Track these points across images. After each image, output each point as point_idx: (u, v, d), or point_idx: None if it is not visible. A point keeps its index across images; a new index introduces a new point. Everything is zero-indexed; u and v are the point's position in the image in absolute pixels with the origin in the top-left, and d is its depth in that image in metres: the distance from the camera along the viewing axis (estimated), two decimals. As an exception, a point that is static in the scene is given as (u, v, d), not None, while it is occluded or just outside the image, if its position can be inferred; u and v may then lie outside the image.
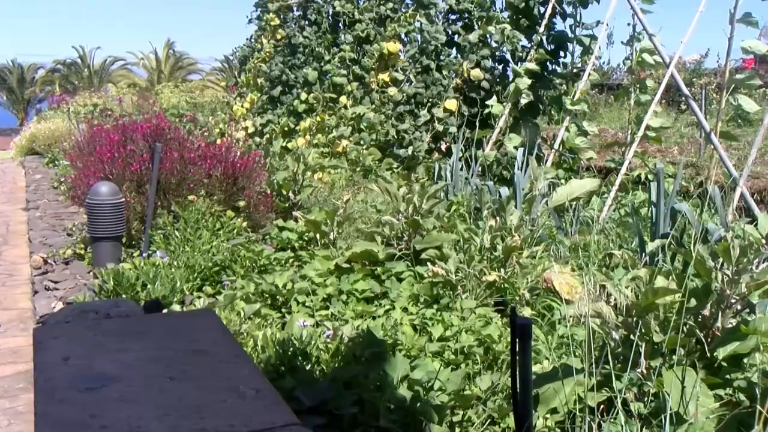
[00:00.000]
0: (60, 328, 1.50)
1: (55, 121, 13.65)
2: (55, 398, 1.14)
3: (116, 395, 1.17)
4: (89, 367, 1.26)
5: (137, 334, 1.43)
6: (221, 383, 1.24)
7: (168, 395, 1.18)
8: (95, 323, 1.51)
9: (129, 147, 5.38)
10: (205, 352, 1.35)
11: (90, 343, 1.37)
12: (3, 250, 7.90)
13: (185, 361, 1.31)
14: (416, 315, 3.80)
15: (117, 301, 1.81)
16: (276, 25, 11.66)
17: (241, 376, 1.27)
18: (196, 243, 4.58)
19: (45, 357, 1.29)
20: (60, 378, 1.21)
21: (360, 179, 8.14)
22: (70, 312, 1.71)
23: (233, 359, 1.34)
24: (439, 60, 8.94)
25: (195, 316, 1.84)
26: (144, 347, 1.36)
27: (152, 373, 1.26)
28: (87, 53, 37.45)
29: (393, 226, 4.75)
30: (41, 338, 1.38)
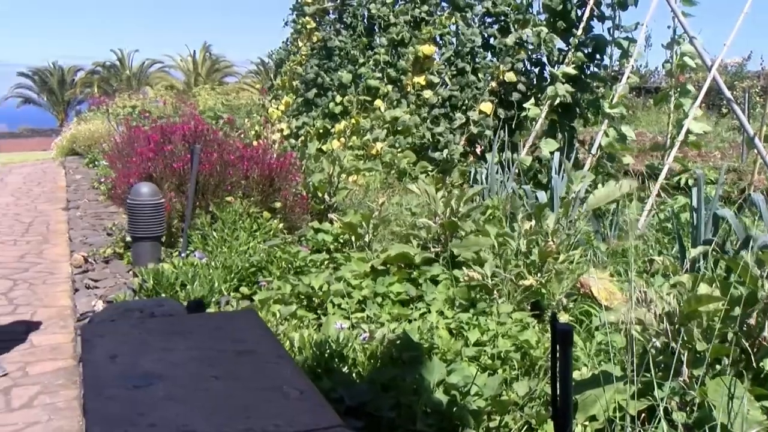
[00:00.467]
0: (106, 327, 1.53)
1: (95, 123, 13.92)
2: (104, 395, 1.16)
3: (163, 394, 1.18)
4: (136, 366, 1.28)
5: (182, 333, 1.45)
6: (265, 383, 1.25)
7: (214, 394, 1.19)
8: (140, 322, 1.54)
9: (169, 147, 5.45)
10: (249, 352, 1.36)
11: (136, 342, 1.39)
12: (44, 249, 8.08)
13: (229, 361, 1.32)
14: (452, 319, 3.79)
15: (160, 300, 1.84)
16: (312, 28, 11.74)
17: (284, 377, 1.27)
18: (233, 244, 4.62)
19: (93, 355, 1.31)
20: (108, 376, 1.23)
21: (394, 182, 8.15)
22: (115, 310, 1.74)
23: (276, 360, 1.34)
24: (475, 63, 8.91)
25: (237, 316, 1.86)
26: (188, 346, 1.37)
27: (197, 372, 1.27)
28: (126, 56, 38.20)
29: (429, 229, 4.74)
30: (88, 336, 1.41)
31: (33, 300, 6.16)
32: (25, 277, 6.84)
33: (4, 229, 8.75)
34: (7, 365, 4.65)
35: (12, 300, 6.16)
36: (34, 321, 5.62)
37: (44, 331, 5.43)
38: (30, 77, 38.34)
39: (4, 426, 3.90)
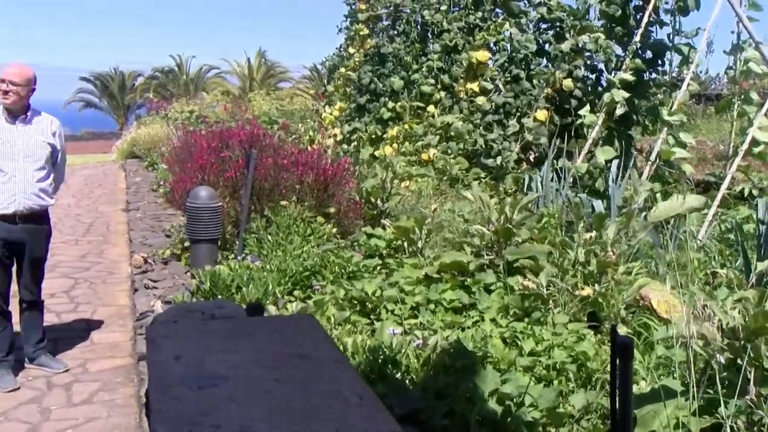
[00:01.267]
0: (170, 327, 1.56)
1: (154, 127, 14.27)
2: (169, 395, 1.18)
3: (226, 395, 1.20)
4: (199, 366, 1.30)
5: (243, 335, 1.47)
6: (325, 388, 1.25)
7: (275, 398, 1.20)
8: (202, 323, 1.56)
9: (225, 153, 5.55)
10: (308, 356, 1.37)
11: (199, 343, 1.42)
12: (104, 249, 8.32)
13: (289, 365, 1.33)
14: (506, 328, 3.74)
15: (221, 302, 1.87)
16: (365, 35, 11.81)
17: (343, 382, 1.27)
18: (288, 248, 4.67)
19: (158, 355, 1.34)
20: (172, 376, 1.25)
21: (446, 188, 8.11)
22: (178, 311, 1.77)
23: (335, 364, 1.34)
24: (530, 69, 8.83)
25: (295, 320, 1.87)
26: (249, 349, 1.39)
27: (259, 374, 1.28)
28: (183, 61, 39.08)
29: (483, 236, 4.70)
30: (153, 336, 1.44)
31: (93, 299, 6.34)
32: (86, 276, 7.06)
33: (66, 230, 9.03)
34: (68, 362, 4.80)
35: (73, 298, 6.35)
36: (94, 319, 5.79)
37: (104, 329, 5.58)
38: (92, 82, 39.60)
39: (66, 420, 4.02)
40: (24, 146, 4.36)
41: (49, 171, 4.52)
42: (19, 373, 4.58)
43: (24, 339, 4.71)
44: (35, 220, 4.48)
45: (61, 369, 4.69)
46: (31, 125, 4.43)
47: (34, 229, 4.48)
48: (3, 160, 4.30)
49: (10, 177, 4.31)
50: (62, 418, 4.05)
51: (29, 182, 4.37)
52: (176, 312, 1.76)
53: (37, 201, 4.42)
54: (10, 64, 4.39)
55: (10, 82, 4.29)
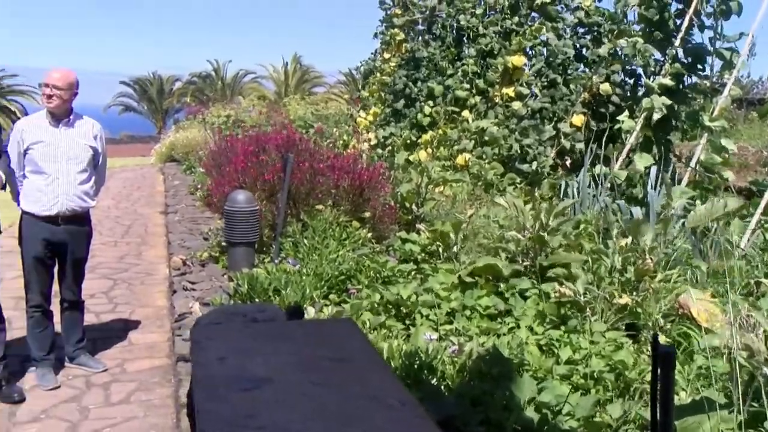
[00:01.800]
0: (214, 330, 1.58)
1: (192, 131, 14.45)
2: (215, 396, 1.20)
3: (270, 397, 1.21)
4: (243, 368, 1.31)
5: (284, 338, 1.48)
6: (366, 392, 1.25)
7: (317, 400, 1.21)
8: (245, 326, 1.58)
9: (261, 157, 5.61)
10: (349, 360, 1.38)
11: (242, 345, 1.43)
12: (142, 251, 8.45)
13: (331, 368, 1.34)
14: (542, 335, 3.71)
15: (262, 305, 1.89)
16: (400, 40, 11.83)
17: (384, 387, 1.27)
18: (324, 252, 4.70)
19: (203, 356, 1.36)
20: (218, 377, 1.27)
21: (481, 193, 8.07)
22: (221, 314, 1.80)
23: (375, 369, 1.35)
24: (566, 74, 8.74)
25: (335, 324, 1.89)
26: (291, 352, 1.40)
27: (301, 378, 1.29)
28: (220, 66, 39.61)
29: (518, 242, 4.66)
30: (198, 338, 1.46)
31: (132, 299, 6.44)
32: (125, 277, 7.17)
33: (106, 231, 9.19)
34: (107, 361, 4.88)
35: (112, 299, 6.46)
36: (132, 320, 5.88)
37: (141, 329, 5.66)
38: (131, 86, 40.35)
39: (104, 419, 4.09)
40: (67, 149, 4.45)
41: (91, 173, 4.60)
42: (60, 371, 4.67)
43: (64, 338, 4.81)
44: (77, 222, 4.57)
45: (100, 368, 4.77)
46: (74, 128, 4.52)
47: (76, 231, 4.57)
48: (46, 163, 4.39)
49: (53, 179, 4.41)
50: (100, 417, 4.12)
51: (72, 184, 4.46)
52: (219, 314, 1.78)
53: (79, 203, 4.51)
54: (54, 69, 4.49)
55: (53, 87, 4.38)
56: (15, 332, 4.82)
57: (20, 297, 5.39)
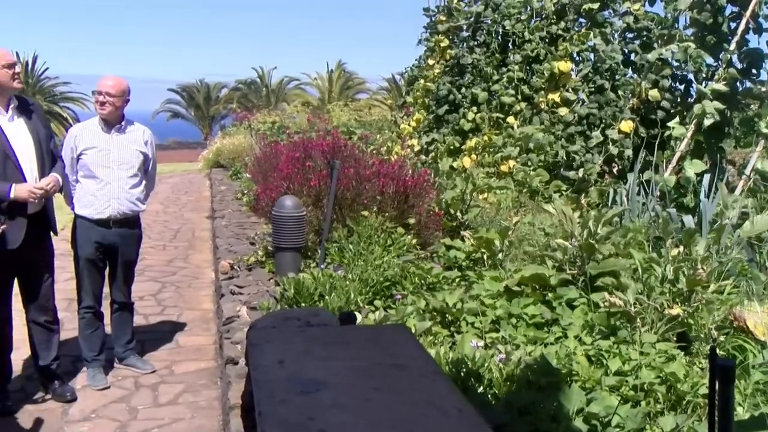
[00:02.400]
0: (270, 333, 1.59)
1: (238, 137, 14.64)
2: (276, 399, 1.20)
3: (329, 401, 1.21)
4: (301, 372, 1.32)
5: (340, 343, 1.49)
6: (423, 398, 1.25)
7: (375, 405, 1.21)
8: (300, 330, 1.59)
9: (308, 163, 5.65)
10: (404, 366, 1.37)
11: (299, 349, 1.44)
12: (189, 254, 8.60)
13: (387, 374, 1.34)
14: (591, 345, 3.65)
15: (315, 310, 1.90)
16: (445, 46, 11.80)
17: (440, 393, 1.27)
18: (369, 257, 4.70)
19: (262, 359, 1.37)
20: (277, 380, 1.27)
21: (526, 201, 7.99)
22: (275, 318, 1.81)
23: (431, 375, 1.34)
24: (614, 80, 8.60)
25: (389, 330, 1.88)
26: (347, 356, 1.40)
27: (358, 382, 1.29)
28: (265, 73, 40.14)
29: (566, 251, 4.60)
30: (256, 341, 1.47)
31: (179, 302, 6.55)
32: (173, 281, 7.31)
33: (155, 235, 9.38)
34: (155, 363, 4.97)
35: (161, 301, 6.59)
36: (180, 322, 5.98)
37: (188, 332, 5.76)
38: (179, 93, 41.17)
39: (153, 420, 4.16)
40: (118, 155, 4.56)
41: (142, 178, 4.71)
42: (109, 372, 4.78)
43: (114, 339, 4.91)
44: (128, 225, 4.67)
45: (149, 370, 4.86)
46: (125, 134, 4.62)
47: (126, 234, 4.67)
48: (99, 168, 4.51)
49: (105, 184, 4.51)
50: (149, 417, 4.20)
51: (123, 189, 4.56)
52: (274, 318, 1.79)
53: (130, 207, 4.61)
54: (106, 76, 4.60)
55: (106, 94, 4.49)
56: (67, 333, 4.95)
57: (72, 299, 5.53)
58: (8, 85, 3.97)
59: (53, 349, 4.36)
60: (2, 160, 3.91)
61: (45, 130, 4.23)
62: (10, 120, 4.00)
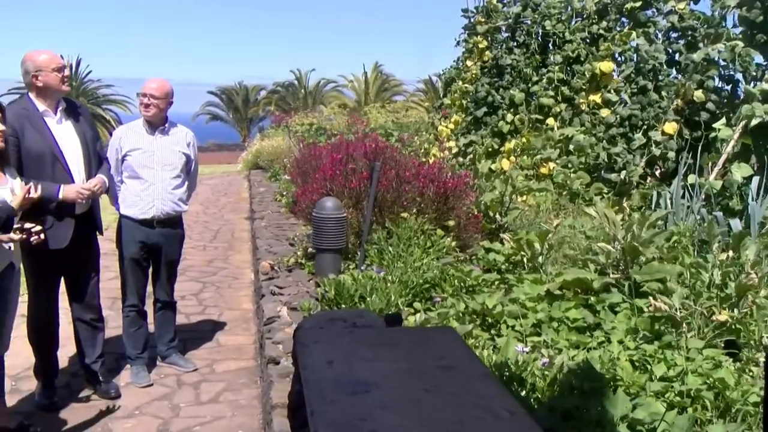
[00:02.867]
0: (318, 334, 1.59)
1: (276, 139, 14.76)
2: (326, 399, 1.21)
3: (379, 402, 1.21)
4: (350, 372, 1.32)
5: (388, 345, 1.48)
6: (474, 401, 1.24)
7: (425, 407, 1.20)
8: (347, 331, 1.59)
9: (350, 165, 5.67)
10: (454, 368, 1.36)
11: (347, 350, 1.44)
12: (229, 255, 8.70)
13: (435, 376, 1.33)
14: (634, 350, 3.58)
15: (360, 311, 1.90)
16: (483, 47, 11.73)
17: (492, 396, 1.25)
18: (408, 259, 4.70)
19: (311, 359, 1.37)
20: (327, 380, 1.28)
21: (566, 203, 7.89)
22: (321, 318, 1.82)
23: (481, 378, 1.33)
24: (658, 80, 8.44)
25: (436, 332, 1.87)
26: (395, 358, 1.40)
27: (407, 384, 1.28)
28: (303, 76, 40.44)
29: (609, 254, 4.52)
30: (305, 341, 1.47)
31: (220, 302, 6.63)
32: (213, 281, 7.40)
33: (195, 236, 9.51)
34: (196, 361, 5.03)
35: (201, 301, 6.68)
36: (220, 321, 6.05)
37: (229, 331, 5.82)
38: (218, 96, 41.74)
39: (195, 417, 4.22)
40: (162, 156, 4.63)
41: (184, 179, 4.77)
42: (152, 370, 4.85)
43: (157, 338, 4.99)
44: (171, 225, 4.74)
45: (191, 368, 4.92)
46: (169, 136, 4.70)
47: (170, 233, 4.74)
48: (143, 169, 4.58)
49: (149, 184, 4.59)
50: (191, 415, 4.25)
51: (166, 190, 4.63)
52: (320, 319, 1.80)
53: (173, 207, 4.68)
54: (151, 79, 4.68)
55: (150, 96, 4.57)
56: (111, 331, 5.04)
57: (115, 297, 5.64)
58: (57, 88, 4.06)
59: (98, 347, 4.44)
60: (51, 161, 3.99)
61: (92, 132, 4.31)
62: (58, 122, 4.09)
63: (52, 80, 4.02)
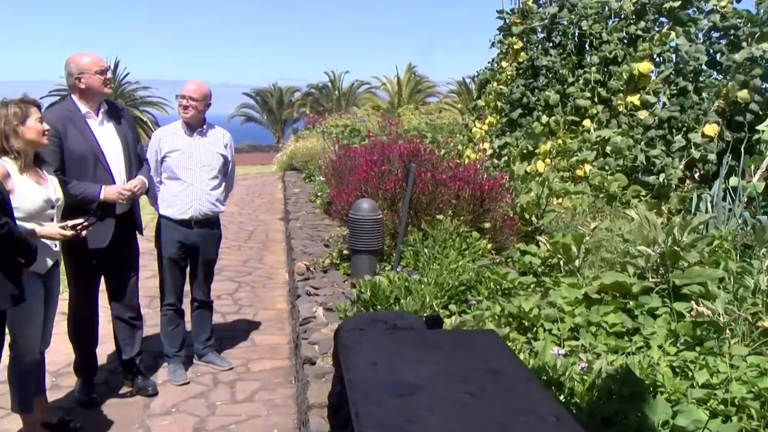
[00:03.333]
0: (360, 335, 1.59)
1: (311, 140, 14.85)
2: (372, 400, 1.20)
3: (425, 404, 1.20)
4: (394, 374, 1.32)
5: (430, 347, 1.47)
6: (520, 405, 1.22)
7: (472, 411, 1.19)
8: (389, 333, 1.58)
9: (384, 167, 5.67)
10: (498, 372, 1.35)
11: (389, 351, 1.44)
12: (263, 255, 8.77)
13: (480, 379, 1.31)
14: (675, 356, 3.51)
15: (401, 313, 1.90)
16: (518, 48, 11.64)
17: (537, 400, 1.24)
18: (444, 261, 4.68)
19: (356, 360, 1.37)
20: (371, 382, 1.27)
21: (603, 206, 7.79)
22: (362, 320, 1.82)
23: (525, 382, 1.31)
24: (698, 81, 8.28)
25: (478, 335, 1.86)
26: (438, 360, 1.39)
27: (452, 387, 1.27)
28: (337, 78, 40.64)
29: (648, 258, 4.44)
30: (347, 342, 1.47)
31: (254, 302, 6.70)
32: (248, 281, 7.47)
33: (231, 236, 9.62)
34: (232, 360, 5.08)
35: (237, 301, 6.75)
36: (255, 321, 6.10)
37: (264, 331, 5.87)
38: (253, 97, 42.17)
39: (231, 416, 4.26)
40: (200, 157, 4.69)
41: (221, 180, 4.83)
42: (189, 368, 4.92)
43: (194, 336, 5.05)
44: (208, 226, 4.80)
45: (227, 367, 4.97)
46: (206, 137, 4.75)
47: (207, 234, 4.80)
48: (181, 170, 4.65)
49: (187, 185, 4.65)
50: (226, 413, 4.29)
51: (204, 190, 4.69)
52: (361, 320, 1.80)
53: (211, 208, 4.74)
54: (189, 81, 4.74)
55: (189, 98, 4.63)
56: (149, 329, 5.12)
57: (153, 296, 5.73)
58: (99, 90, 4.13)
59: (136, 345, 4.52)
60: (93, 162, 4.07)
61: (132, 134, 4.39)
62: (100, 124, 4.17)
63: (94, 83, 4.09)
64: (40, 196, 3.47)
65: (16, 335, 3.45)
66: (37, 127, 3.47)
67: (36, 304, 3.52)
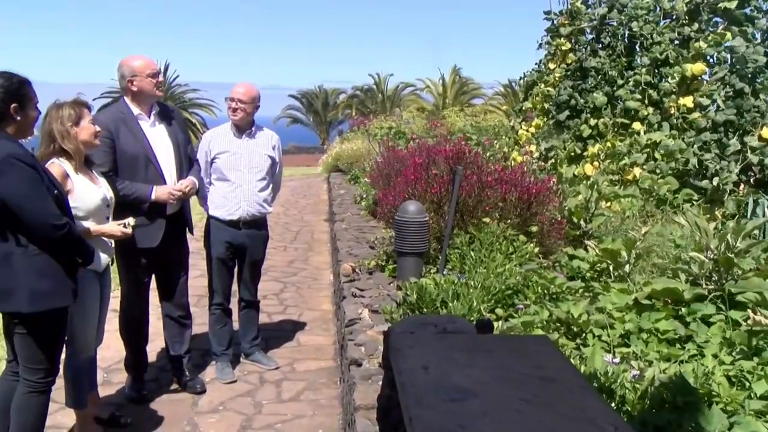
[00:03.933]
0: (411, 338, 1.59)
1: (356, 142, 14.91)
2: (424, 404, 1.19)
3: (478, 410, 1.19)
4: (446, 378, 1.30)
5: (483, 351, 1.46)
6: (576, 413, 1.20)
7: (526, 418, 1.17)
8: (440, 337, 1.57)
9: (432, 171, 5.65)
10: (552, 378, 1.32)
11: (441, 355, 1.43)
12: (309, 256, 8.83)
13: (534, 385, 1.29)
14: (731, 365, 3.40)
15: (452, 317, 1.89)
16: (566, 50, 11.48)
17: (593, 409, 1.21)
18: (490, 265, 4.63)
19: (407, 364, 1.36)
20: (423, 385, 1.26)
21: (653, 210, 7.61)
22: (413, 323, 1.81)
23: (581, 390, 1.29)
24: (755, 83, 8.03)
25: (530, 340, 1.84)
26: (490, 365, 1.37)
27: (505, 393, 1.26)
28: (382, 80, 40.73)
29: (702, 264, 4.33)
30: (398, 345, 1.47)
31: (300, 302, 6.75)
32: (293, 281, 7.54)
33: (276, 236, 9.71)
34: (278, 360, 5.13)
35: (282, 301, 6.81)
36: (301, 321, 6.15)
37: (309, 331, 5.91)
38: (299, 99, 42.56)
39: (277, 415, 4.29)
40: (248, 158, 4.75)
41: (269, 181, 4.88)
42: (236, 367, 4.98)
43: (241, 335, 5.12)
44: (256, 226, 4.86)
45: (273, 366, 5.02)
46: (255, 139, 4.81)
47: (255, 234, 4.85)
48: (230, 171, 4.71)
49: (236, 186, 4.71)
50: (273, 413, 4.33)
51: (252, 191, 4.74)
52: (411, 323, 1.79)
53: (259, 209, 4.79)
54: (238, 84, 4.81)
55: (238, 101, 4.69)
56: (197, 328, 5.19)
57: (201, 295, 5.82)
58: (151, 93, 4.22)
59: (185, 343, 4.59)
60: (144, 163, 4.15)
61: (183, 135, 4.46)
62: (152, 126, 4.25)
63: (146, 85, 4.18)
64: (97, 195, 3.56)
65: (74, 333, 3.54)
66: (90, 128, 3.56)
67: (94, 303, 3.61)
